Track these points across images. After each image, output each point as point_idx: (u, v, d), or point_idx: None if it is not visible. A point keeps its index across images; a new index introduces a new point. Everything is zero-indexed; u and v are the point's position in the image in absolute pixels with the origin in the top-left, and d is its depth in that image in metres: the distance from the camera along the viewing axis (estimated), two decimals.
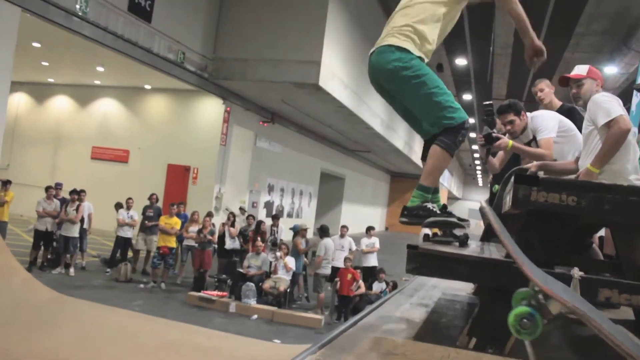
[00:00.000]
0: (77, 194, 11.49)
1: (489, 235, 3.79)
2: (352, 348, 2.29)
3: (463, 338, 2.38)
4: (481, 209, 4.15)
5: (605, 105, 3.31)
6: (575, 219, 2.03)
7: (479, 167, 52.42)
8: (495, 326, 2.26)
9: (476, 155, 40.94)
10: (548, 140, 3.99)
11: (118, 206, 12.35)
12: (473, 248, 3.02)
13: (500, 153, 4.88)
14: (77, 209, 11.22)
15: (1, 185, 10.96)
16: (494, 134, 4.07)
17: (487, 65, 20.01)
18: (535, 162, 3.97)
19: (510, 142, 4.09)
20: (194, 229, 11.60)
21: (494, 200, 3.95)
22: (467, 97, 26.45)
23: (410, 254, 2.13)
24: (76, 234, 11.20)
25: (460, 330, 2.60)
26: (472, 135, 36.04)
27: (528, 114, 4.27)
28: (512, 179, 2.13)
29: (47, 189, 11.40)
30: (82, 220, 11.45)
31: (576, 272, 1.86)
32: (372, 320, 2.89)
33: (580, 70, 3.77)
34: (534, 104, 5.61)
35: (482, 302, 2.40)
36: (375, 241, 12.51)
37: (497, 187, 4.33)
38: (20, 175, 16.82)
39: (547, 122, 4.08)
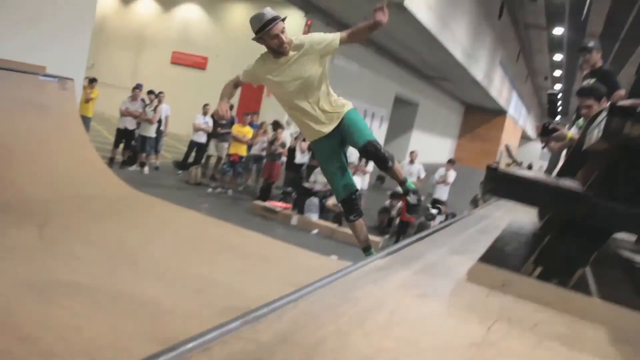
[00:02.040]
0: (156, 95, 11.77)
1: (565, 172, 3.64)
2: (417, 259, 2.28)
3: (528, 266, 2.34)
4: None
5: None
6: None
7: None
8: (563, 258, 2.19)
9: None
10: None
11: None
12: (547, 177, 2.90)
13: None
14: (155, 110, 11.54)
15: (88, 83, 11.36)
16: (550, 126, 3.97)
17: None
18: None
19: (570, 134, 3.96)
20: (263, 139, 11.75)
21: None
22: (558, 30, 24.87)
23: (489, 174, 2.06)
24: (153, 134, 11.60)
25: (525, 259, 2.54)
26: (556, 73, 34.28)
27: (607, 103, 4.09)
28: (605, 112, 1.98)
29: (134, 89, 11.72)
30: (159, 122, 11.78)
31: None
32: (437, 238, 2.87)
33: None
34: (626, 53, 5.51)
35: (553, 233, 2.32)
36: (451, 174, 12.25)
37: (580, 121, 4.16)
38: (103, 75, 17.38)
39: None
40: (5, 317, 4.20)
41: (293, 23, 16.36)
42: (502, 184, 2.07)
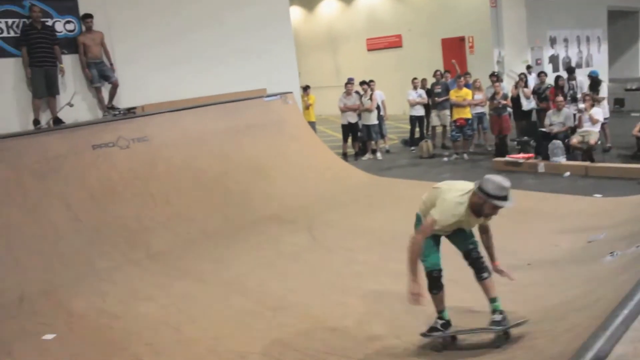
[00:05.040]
0: (368, 84, 12.12)
1: None
2: None
3: None
4: None
5: None
6: None
7: None
8: None
9: None
10: None
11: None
12: None
13: None
14: (370, 98, 11.90)
15: (303, 91, 12.15)
16: None
17: None
18: None
19: None
20: (478, 96, 11.43)
21: None
22: None
23: None
24: (375, 121, 11.98)
25: None
26: None
27: None
28: None
29: (346, 84, 12.23)
30: (377, 108, 12.12)
31: None
32: None
33: None
34: None
35: None
36: None
37: None
38: (308, 80, 18.41)
39: None
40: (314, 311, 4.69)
41: None
42: None
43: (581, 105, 10.36)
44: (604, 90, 11.29)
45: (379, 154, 12.00)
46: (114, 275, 5.78)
